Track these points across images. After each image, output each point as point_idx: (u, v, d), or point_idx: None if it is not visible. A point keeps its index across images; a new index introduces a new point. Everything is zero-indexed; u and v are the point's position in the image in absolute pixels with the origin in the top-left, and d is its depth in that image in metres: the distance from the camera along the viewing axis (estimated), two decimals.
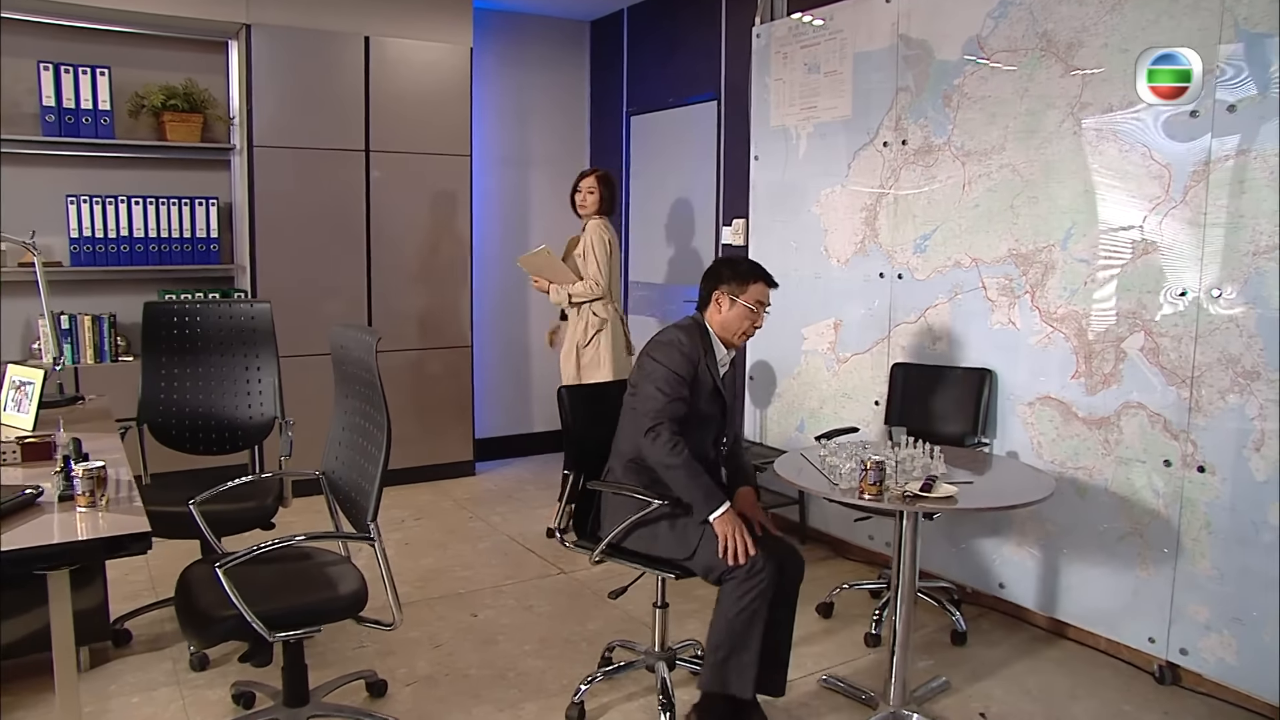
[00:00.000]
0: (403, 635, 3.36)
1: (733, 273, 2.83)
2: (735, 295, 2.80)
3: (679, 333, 2.80)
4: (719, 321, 2.82)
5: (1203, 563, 2.89)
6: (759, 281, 2.82)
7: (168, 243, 4.54)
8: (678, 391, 2.69)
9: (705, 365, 2.78)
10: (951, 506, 2.43)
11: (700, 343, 2.79)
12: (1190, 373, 2.87)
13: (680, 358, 2.72)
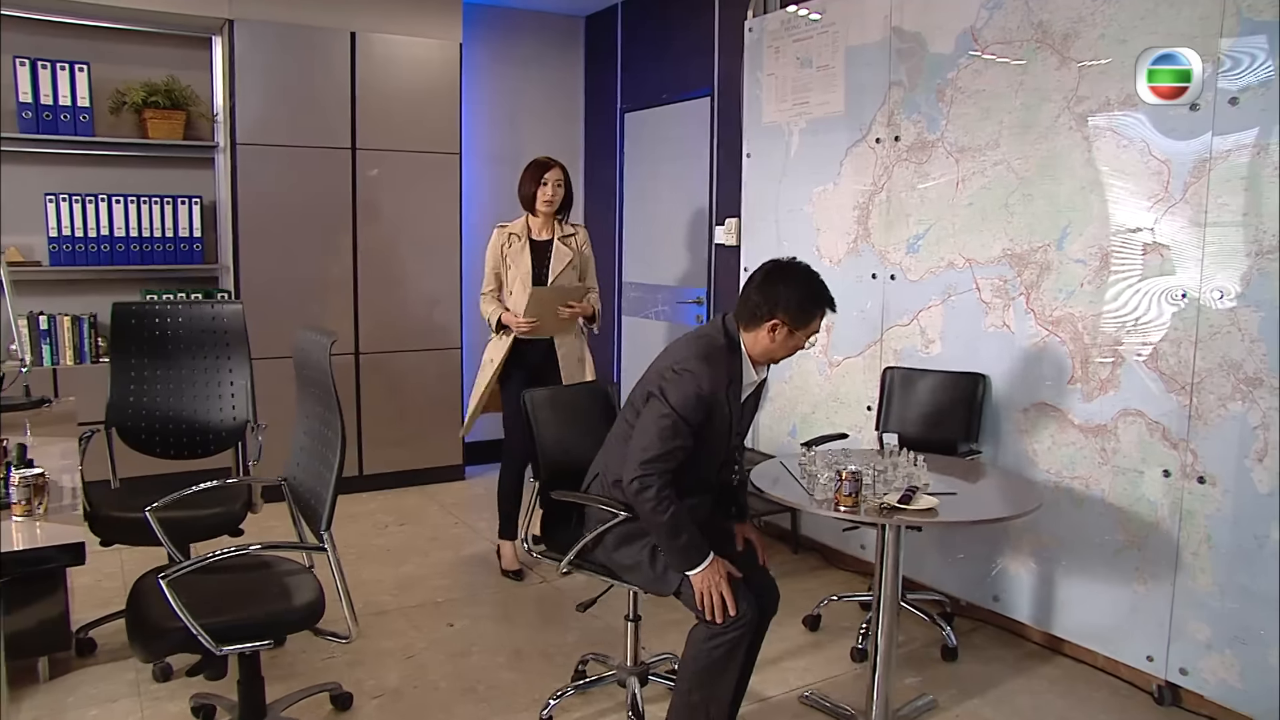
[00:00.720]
0: (375, 645, 3.28)
1: (799, 300, 2.36)
2: (795, 327, 2.38)
3: (703, 366, 2.35)
4: (763, 349, 2.41)
5: (1203, 578, 2.76)
6: (823, 311, 2.42)
7: (150, 242, 4.48)
8: (681, 440, 2.33)
9: (727, 398, 2.40)
10: (929, 520, 2.31)
11: (726, 370, 2.40)
12: (1190, 379, 2.75)
13: (695, 402, 2.32)
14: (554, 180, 3.83)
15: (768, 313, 2.37)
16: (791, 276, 2.40)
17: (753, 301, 2.40)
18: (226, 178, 4.56)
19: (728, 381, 2.39)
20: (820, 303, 2.39)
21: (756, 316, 2.39)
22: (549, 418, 2.84)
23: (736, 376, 2.42)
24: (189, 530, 3.15)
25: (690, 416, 2.32)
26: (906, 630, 3.41)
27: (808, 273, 2.41)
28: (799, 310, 2.36)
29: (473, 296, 5.58)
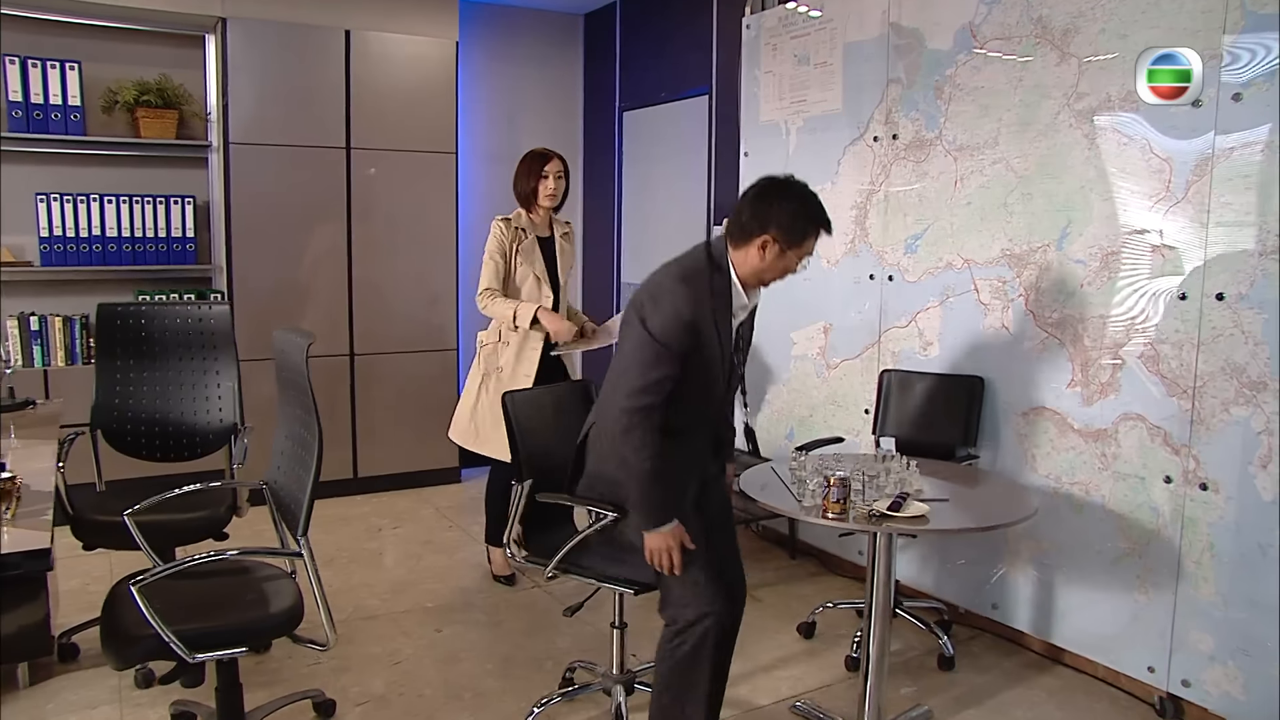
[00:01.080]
0: (362, 651, 3.25)
1: (792, 215, 2.20)
2: (788, 245, 2.21)
3: (682, 287, 2.20)
4: (752, 268, 2.25)
5: (1206, 588, 2.70)
6: (818, 230, 2.25)
7: (143, 242, 4.46)
8: (666, 369, 2.17)
9: (713, 321, 2.23)
10: (918, 528, 2.26)
11: (710, 292, 2.23)
12: (1192, 383, 2.69)
13: (677, 326, 2.16)
14: (555, 172, 3.61)
15: (759, 229, 2.20)
16: (787, 192, 2.24)
17: (744, 217, 2.23)
18: (220, 177, 4.54)
19: (712, 304, 2.23)
20: (816, 221, 2.23)
21: (747, 233, 2.22)
22: (531, 417, 2.79)
23: (724, 299, 2.25)
24: (173, 534, 3.12)
25: (673, 342, 2.17)
26: (903, 638, 3.35)
27: (804, 190, 2.25)
28: (792, 226, 2.19)
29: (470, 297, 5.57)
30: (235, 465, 3.25)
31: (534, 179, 3.62)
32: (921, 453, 3.28)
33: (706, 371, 2.29)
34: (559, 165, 3.65)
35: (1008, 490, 2.80)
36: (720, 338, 2.27)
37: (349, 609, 3.59)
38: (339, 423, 4.95)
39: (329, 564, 4.05)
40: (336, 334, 4.89)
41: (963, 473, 2.87)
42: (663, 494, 2.25)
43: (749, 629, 3.46)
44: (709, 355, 2.26)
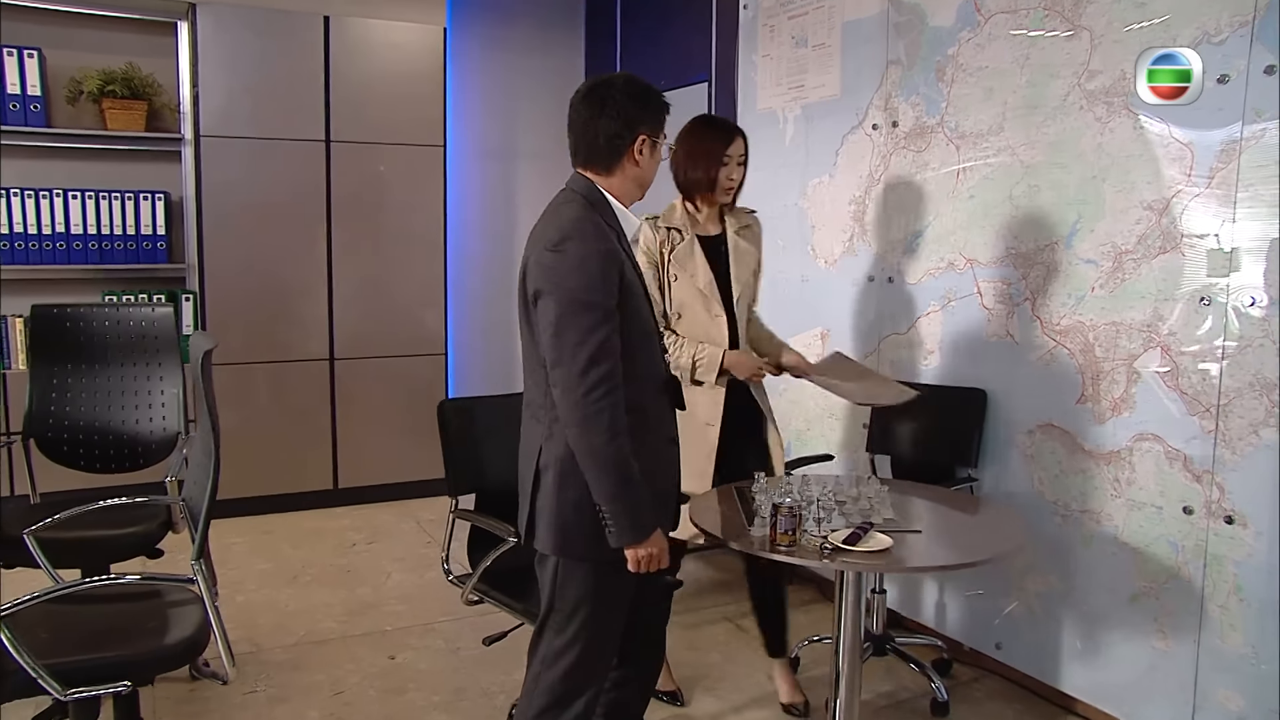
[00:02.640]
0: (305, 679, 3.08)
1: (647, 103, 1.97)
2: (658, 136, 2.00)
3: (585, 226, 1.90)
4: (634, 179, 2.00)
5: (1233, 637, 2.40)
6: (667, 108, 2.03)
7: (111, 240, 4.36)
8: (608, 327, 1.84)
9: (626, 257, 1.96)
10: (870, 565, 2.01)
11: (610, 227, 1.96)
12: (1215, 400, 2.40)
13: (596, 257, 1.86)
14: (738, 155, 2.77)
15: (629, 134, 1.95)
16: (617, 82, 1.98)
17: (606, 134, 1.95)
18: (192, 172, 4.43)
19: (617, 238, 1.97)
20: (661, 96, 2.02)
21: (616, 149, 1.96)
22: (466, 430, 2.62)
23: (616, 227, 1.99)
24: (103, 551, 2.98)
25: (603, 282, 1.86)
26: (897, 678, 3.10)
27: (629, 76, 2.01)
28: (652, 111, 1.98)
29: (460, 297, 5.40)
30: (169, 479, 3.08)
31: (712, 165, 2.72)
32: (918, 472, 3.06)
33: (640, 319, 1.97)
34: (743, 146, 2.78)
35: (997, 520, 2.51)
36: (638, 272, 2.02)
37: (301, 632, 3.43)
38: (319, 431, 4.81)
39: (292, 582, 3.91)
40: (316, 337, 4.75)
41: (952, 498, 2.60)
42: (642, 490, 1.90)
43: (726, 662, 3.27)
44: (637, 296, 1.97)
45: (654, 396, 2.04)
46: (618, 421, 1.84)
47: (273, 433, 4.71)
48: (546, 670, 2.03)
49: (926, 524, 2.27)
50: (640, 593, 2.11)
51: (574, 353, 1.84)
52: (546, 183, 6.01)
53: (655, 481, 2.00)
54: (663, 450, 2.07)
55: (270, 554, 4.21)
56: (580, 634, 2.00)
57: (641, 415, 1.97)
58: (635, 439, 1.91)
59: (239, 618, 3.52)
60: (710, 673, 3.16)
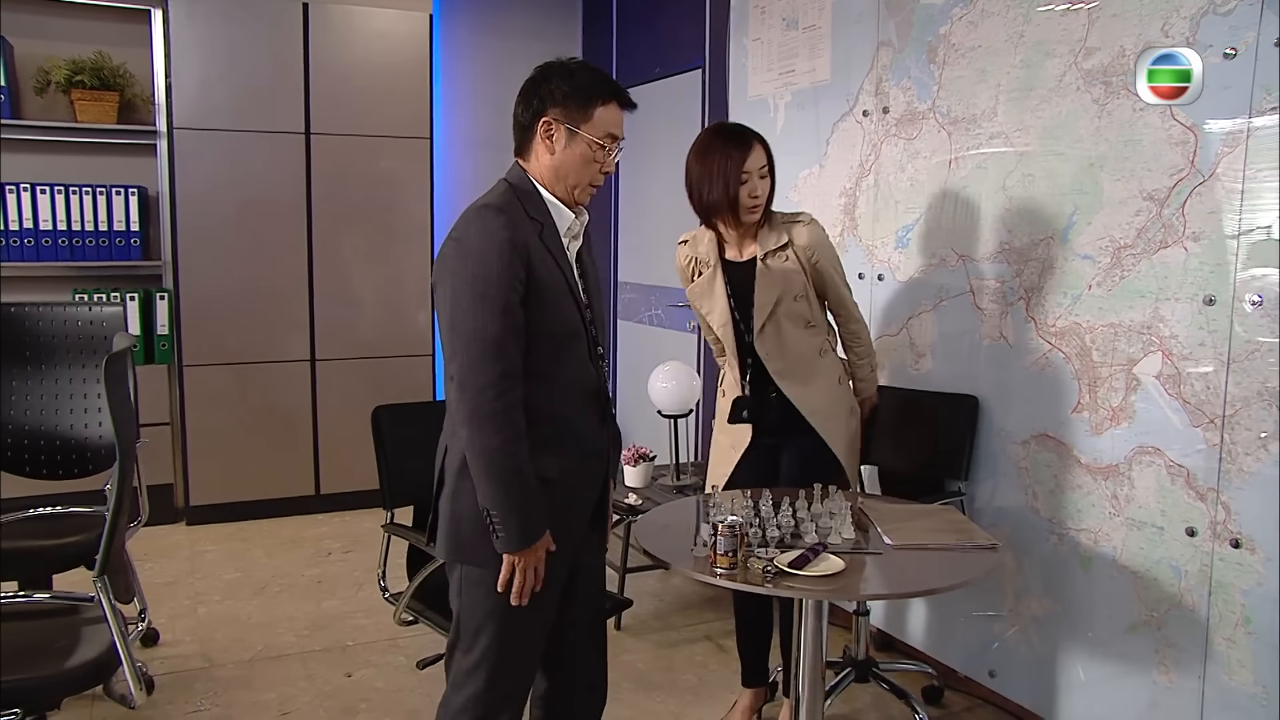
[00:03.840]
0: (254, 698, 2.98)
1: (570, 85, 1.84)
2: (575, 123, 1.83)
3: (487, 212, 1.78)
4: (550, 168, 1.86)
5: (1241, 673, 2.21)
6: (610, 101, 1.86)
7: (82, 236, 4.30)
8: (502, 320, 1.73)
9: (543, 248, 1.82)
10: (811, 591, 1.85)
11: (526, 213, 1.82)
12: (1221, 410, 2.21)
13: (496, 254, 1.73)
14: (759, 168, 2.49)
15: (534, 117, 1.85)
16: (560, 66, 1.88)
17: (518, 114, 1.89)
18: (166, 166, 4.36)
19: (535, 226, 1.82)
20: (599, 84, 1.85)
21: (527, 131, 1.87)
22: (404, 437, 2.52)
23: (544, 220, 1.84)
24: (42, 562, 2.91)
25: (500, 275, 1.72)
26: (881, 707, 2.93)
27: (581, 61, 1.91)
28: (569, 95, 1.82)
29: None
30: (107, 486, 2.99)
31: (730, 184, 2.47)
32: (906, 484, 2.90)
33: (559, 318, 1.84)
34: (764, 156, 2.50)
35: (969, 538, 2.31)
36: (562, 268, 1.85)
37: (259, 646, 3.34)
38: (299, 434, 4.72)
39: (259, 593, 3.82)
40: (296, 337, 4.67)
41: (929, 514, 2.41)
42: (532, 497, 1.79)
43: (700, 684, 3.12)
44: (556, 290, 1.83)
45: (578, 406, 1.91)
46: (513, 423, 1.75)
47: (251, 437, 4.63)
48: (454, 694, 1.92)
49: (892, 544, 2.10)
50: (565, 611, 1.99)
51: (467, 348, 1.74)
52: None
53: (575, 495, 1.91)
54: (586, 464, 1.94)
55: (242, 563, 4.12)
56: (488, 654, 1.87)
57: (562, 425, 1.87)
58: (553, 449, 1.83)
59: (198, 631, 3.44)
60: (682, 697, 3.01)
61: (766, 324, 2.56)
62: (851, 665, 2.88)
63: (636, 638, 3.46)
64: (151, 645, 3.30)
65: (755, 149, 2.49)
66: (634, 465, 3.69)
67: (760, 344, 2.58)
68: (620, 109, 1.88)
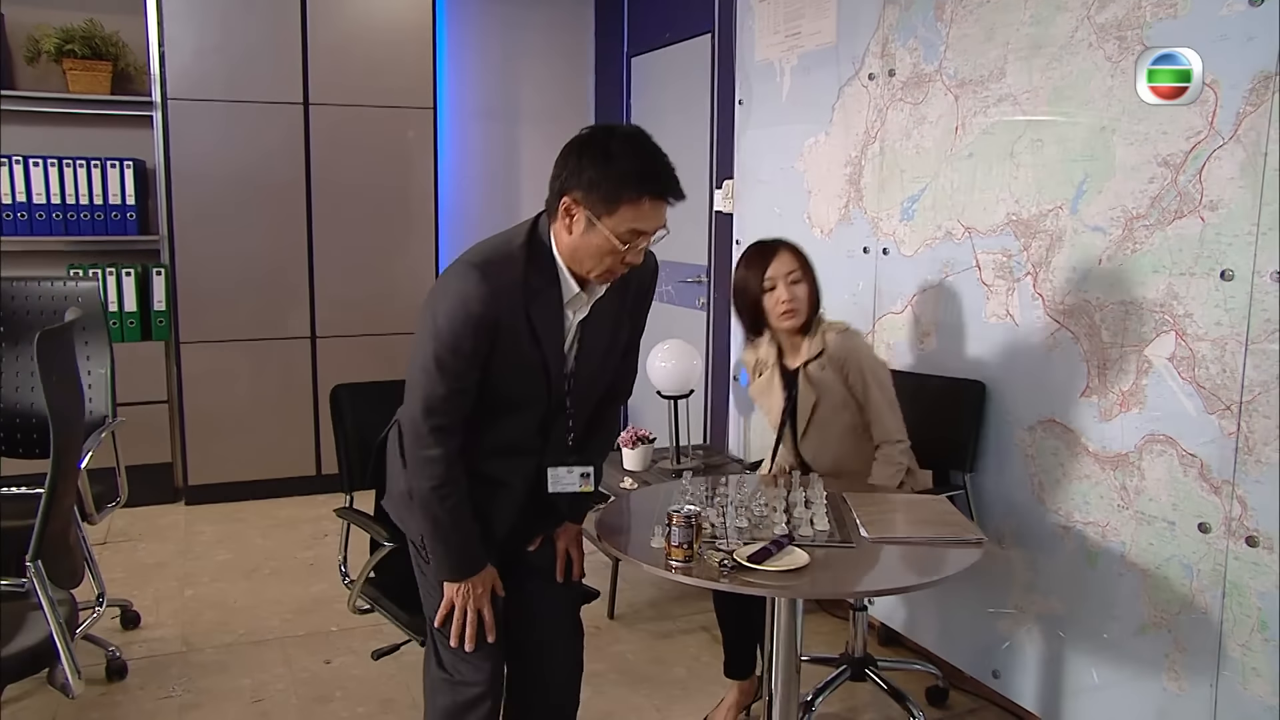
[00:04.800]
0: (229, 684, 2.94)
1: (601, 169, 1.68)
2: (596, 214, 1.70)
3: (474, 276, 1.72)
4: (567, 245, 1.76)
5: (1257, 683, 2.06)
6: (641, 198, 1.69)
7: (76, 210, 4.28)
8: (452, 383, 1.75)
9: (525, 317, 1.77)
10: (765, 588, 1.74)
11: (520, 279, 1.76)
12: (1238, 395, 2.05)
13: (464, 326, 1.71)
14: (786, 275, 2.47)
15: (560, 189, 1.73)
16: (599, 140, 1.72)
17: (552, 176, 1.76)
18: (161, 138, 4.32)
19: (523, 294, 1.75)
20: (635, 179, 1.67)
21: (554, 197, 1.74)
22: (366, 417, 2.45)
23: (543, 288, 1.78)
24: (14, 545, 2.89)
25: (459, 347, 1.72)
26: (880, 708, 2.81)
27: (626, 138, 1.73)
28: (596, 183, 1.67)
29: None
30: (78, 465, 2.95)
31: (755, 295, 2.50)
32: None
33: (519, 385, 1.84)
34: (791, 260, 2.48)
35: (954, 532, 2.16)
36: (541, 342, 1.80)
37: (240, 631, 3.30)
38: (300, 413, 4.69)
39: (249, 575, 3.79)
40: (296, 313, 4.63)
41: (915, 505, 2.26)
42: (463, 535, 1.86)
43: (690, 677, 3.02)
44: (521, 365, 1.80)
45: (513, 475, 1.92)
46: (447, 474, 1.80)
47: (251, 415, 4.60)
48: (426, 675, 2.01)
49: (870, 537, 1.98)
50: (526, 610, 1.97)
51: (415, 388, 1.80)
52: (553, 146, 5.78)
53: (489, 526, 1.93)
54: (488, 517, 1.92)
55: (236, 544, 4.10)
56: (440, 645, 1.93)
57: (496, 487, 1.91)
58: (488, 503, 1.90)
59: (182, 614, 3.41)
60: (669, 691, 2.92)
61: (809, 430, 2.59)
62: (847, 663, 2.76)
63: (629, 627, 3.38)
64: (132, 628, 3.28)
65: (780, 255, 2.50)
66: (632, 448, 3.60)
67: (804, 448, 2.63)
68: (655, 203, 1.71)
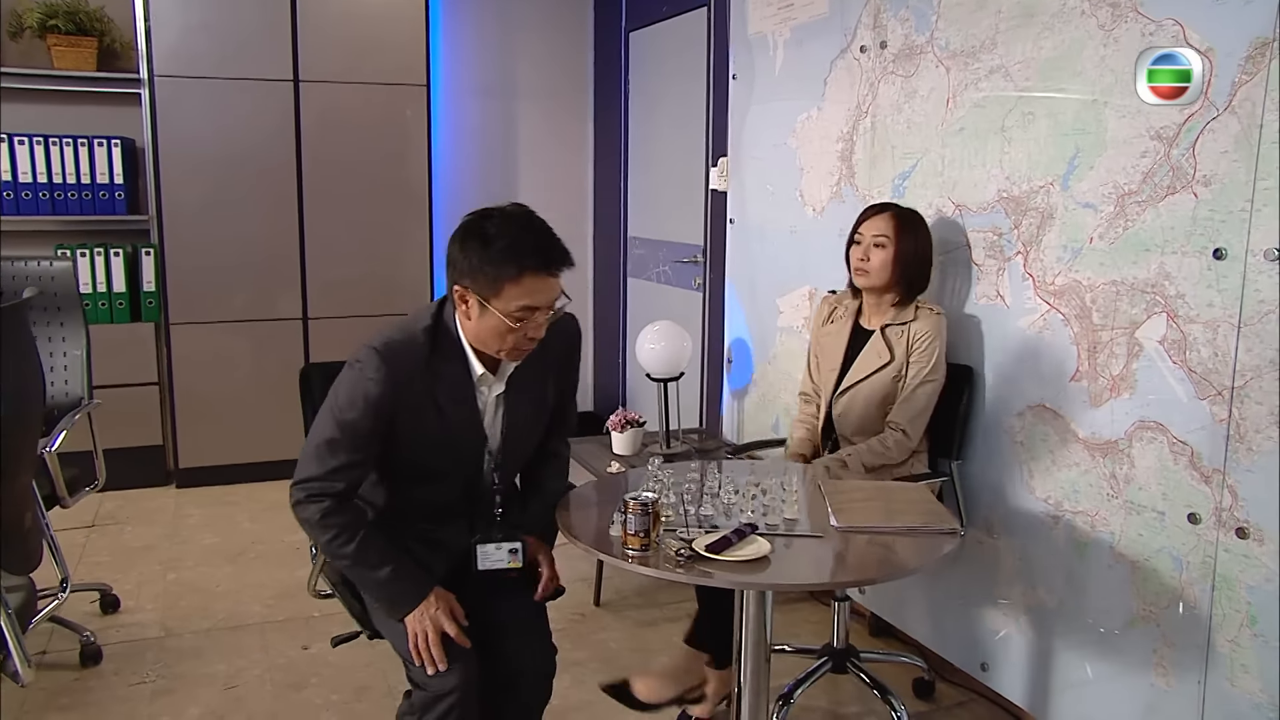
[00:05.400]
0: (203, 670, 2.93)
1: (481, 258, 1.74)
2: (484, 298, 1.76)
3: (375, 360, 1.79)
4: (470, 329, 1.84)
5: (1245, 680, 1.99)
6: (524, 274, 1.74)
7: (64, 189, 4.26)
8: (344, 457, 1.81)
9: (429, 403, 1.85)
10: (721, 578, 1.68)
11: (420, 365, 1.84)
12: (1229, 380, 1.97)
13: (363, 409, 1.79)
14: (874, 235, 2.55)
15: (451, 278, 1.82)
16: (479, 226, 1.78)
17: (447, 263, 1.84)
18: (148, 116, 4.29)
19: (423, 379, 1.83)
20: (514, 255, 1.73)
21: (448, 283, 1.85)
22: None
23: (447, 369, 1.86)
24: None
25: (357, 424, 1.80)
26: (865, 700, 2.76)
27: (505, 218, 1.78)
28: (479, 269, 1.75)
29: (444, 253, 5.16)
30: (47, 449, 2.92)
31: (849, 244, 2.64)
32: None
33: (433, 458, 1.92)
34: (885, 226, 2.54)
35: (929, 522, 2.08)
36: (450, 420, 1.88)
37: (221, 615, 3.29)
38: (291, 396, 4.63)
39: (234, 559, 3.78)
40: (287, 294, 4.60)
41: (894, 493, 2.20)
42: (395, 567, 1.88)
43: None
44: (430, 440, 1.88)
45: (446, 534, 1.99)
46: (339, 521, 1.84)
47: (242, 398, 4.59)
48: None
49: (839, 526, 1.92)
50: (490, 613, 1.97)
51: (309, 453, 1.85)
52: (551, 124, 5.73)
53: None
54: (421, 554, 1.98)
55: (223, 528, 4.09)
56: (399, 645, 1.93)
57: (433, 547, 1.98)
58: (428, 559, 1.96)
59: (163, 598, 3.41)
60: None
61: (853, 388, 2.60)
62: (829, 654, 2.71)
63: (615, 614, 3.34)
64: (111, 612, 3.27)
65: (876, 217, 2.58)
66: (621, 432, 3.55)
67: (839, 403, 2.64)
68: (540, 276, 1.76)
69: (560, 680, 2.09)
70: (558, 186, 5.32)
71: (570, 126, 5.38)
